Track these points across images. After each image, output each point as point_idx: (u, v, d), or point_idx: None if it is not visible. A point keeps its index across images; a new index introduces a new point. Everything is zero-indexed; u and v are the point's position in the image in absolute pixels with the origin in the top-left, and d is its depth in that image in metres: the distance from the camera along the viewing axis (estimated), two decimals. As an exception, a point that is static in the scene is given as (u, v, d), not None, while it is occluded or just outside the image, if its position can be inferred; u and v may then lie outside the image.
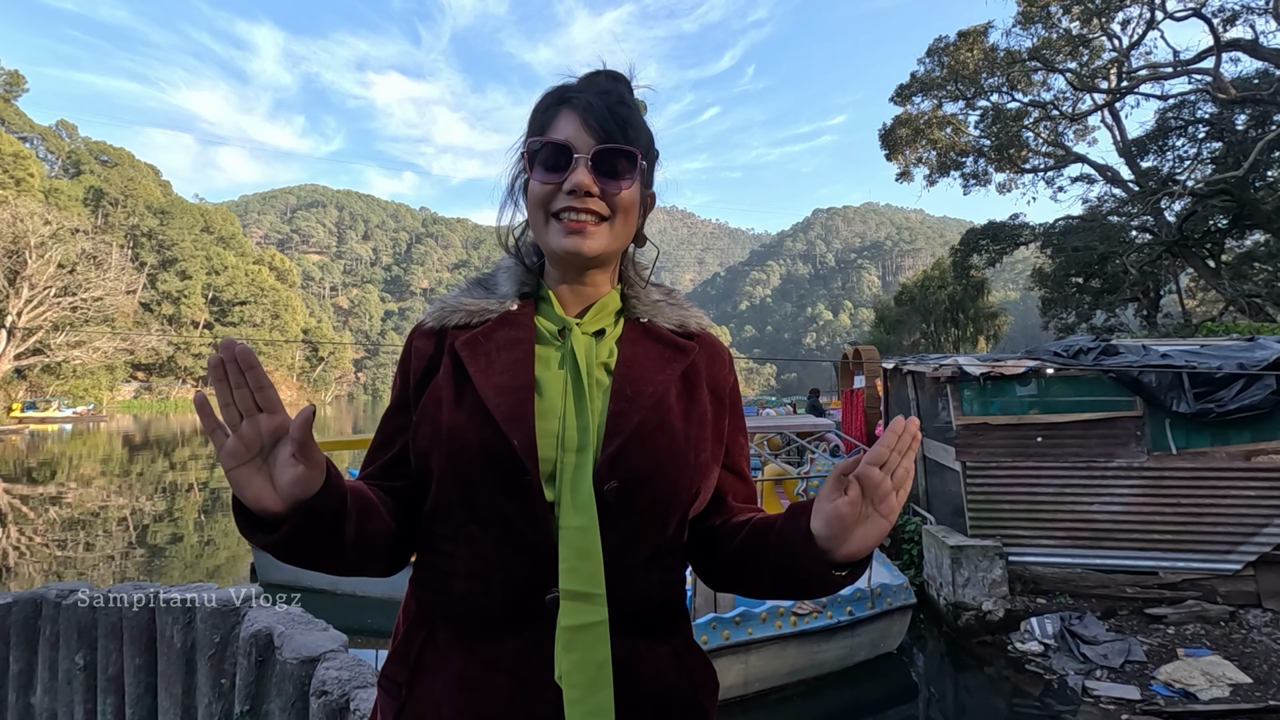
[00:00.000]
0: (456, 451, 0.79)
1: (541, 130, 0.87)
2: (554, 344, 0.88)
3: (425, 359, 0.88)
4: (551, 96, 0.89)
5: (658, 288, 1.00)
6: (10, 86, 58.94)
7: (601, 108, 0.85)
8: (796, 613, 5.41)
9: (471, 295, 0.92)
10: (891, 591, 5.91)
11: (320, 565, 0.75)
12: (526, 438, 0.78)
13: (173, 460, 26.44)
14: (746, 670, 5.22)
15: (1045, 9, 21.15)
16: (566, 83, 0.90)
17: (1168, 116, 20.63)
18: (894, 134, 25.42)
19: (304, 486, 0.66)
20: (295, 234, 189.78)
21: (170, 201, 77.76)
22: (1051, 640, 5.97)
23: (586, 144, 0.83)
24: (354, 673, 1.47)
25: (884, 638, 5.98)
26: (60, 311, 50.14)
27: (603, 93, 0.87)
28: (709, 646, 4.95)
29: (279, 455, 0.66)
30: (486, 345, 0.86)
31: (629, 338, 0.91)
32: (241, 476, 0.65)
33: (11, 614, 2.36)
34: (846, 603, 5.63)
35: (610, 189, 0.84)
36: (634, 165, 0.86)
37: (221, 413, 0.65)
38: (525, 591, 0.77)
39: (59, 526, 13.70)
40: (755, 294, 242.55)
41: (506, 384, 0.81)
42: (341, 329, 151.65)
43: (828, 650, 5.59)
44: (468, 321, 0.89)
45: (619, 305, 0.94)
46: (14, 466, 23.69)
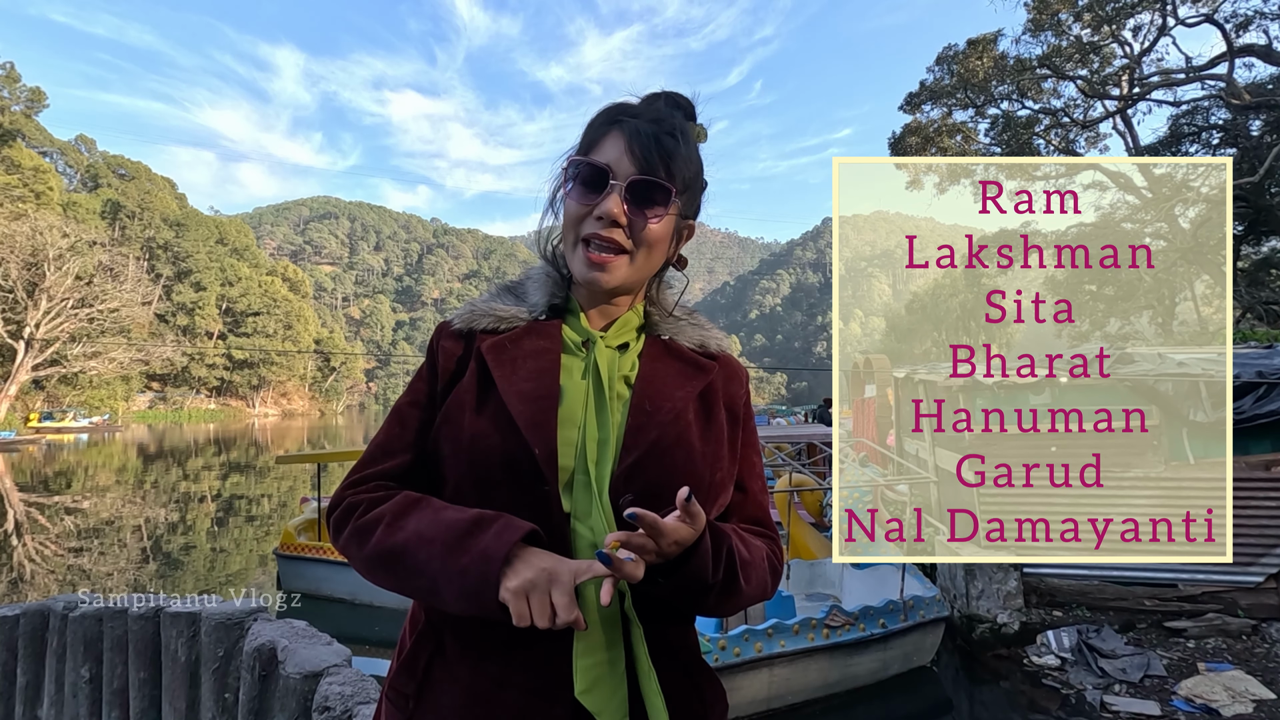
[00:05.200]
0: (477, 456, 0.80)
1: (589, 148, 0.87)
2: (578, 355, 0.89)
3: (454, 360, 0.89)
4: (607, 115, 0.89)
5: (681, 309, 1.01)
6: (32, 103, 60.03)
7: (649, 136, 0.83)
8: (829, 625, 5.36)
9: (501, 301, 0.93)
10: (924, 604, 5.84)
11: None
12: (548, 446, 0.78)
13: (186, 470, 26.65)
14: (779, 683, 5.18)
15: (1055, 16, 21.10)
16: (626, 102, 0.90)
17: (1181, 123, 20.46)
18: (904, 142, 25.38)
19: None
20: (308, 245, 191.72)
21: (186, 214, 78.93)
22: (1069, 654, 5.87)
23: (625, 171, 0.83)
24: (357, 688, 1.45)
25: (917, 650, 5.90)
26: (77, 323, 50.90)
27: (655, 120, 0.86)
28: (740, 658, 4.93)
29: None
30: (513, 352, 0.86)
31: (650, 354, 0.92)
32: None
33: (19, 626, 2.36)
34: (879, 615, 5.58)
35: (639, 221, 0.84)
36: (669, 199, 0.85)
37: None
38: None
39: (74, 536, 13.81)
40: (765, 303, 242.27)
41: (531, 391, 0.82)
42: (353, 339, 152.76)
43: (860, 663, 5.53)
44: (495, 327, 0.90)
45: (641, 321, 0.95)
46: (30, 476, 23.97)
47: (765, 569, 0.89)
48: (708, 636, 4.91)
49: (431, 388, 0.89)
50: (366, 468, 0.87)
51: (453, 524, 0.75)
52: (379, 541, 0.78)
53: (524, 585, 0.68)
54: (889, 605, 5.64)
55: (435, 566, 0.73)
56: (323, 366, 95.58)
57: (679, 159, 0.85)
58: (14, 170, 52.16)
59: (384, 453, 0.87)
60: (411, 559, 0.75)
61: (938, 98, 24.21)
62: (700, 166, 0.92)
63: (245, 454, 34.60)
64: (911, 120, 25.38)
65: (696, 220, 0.96)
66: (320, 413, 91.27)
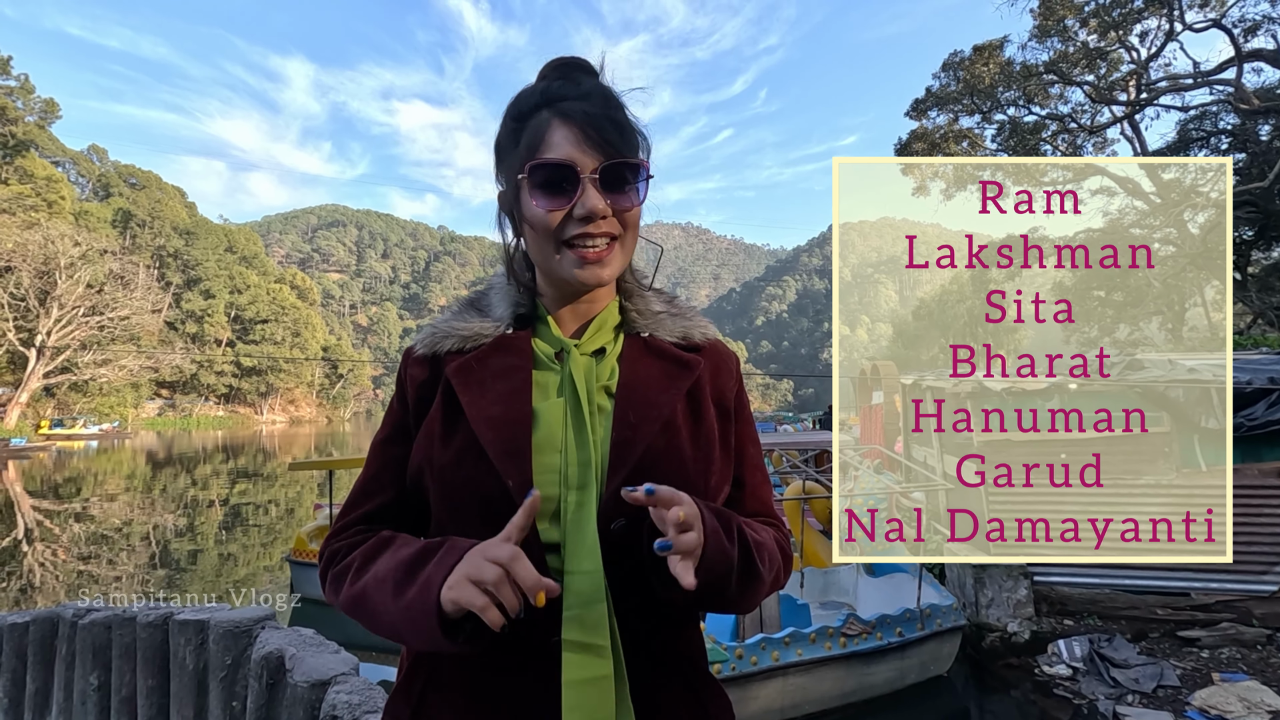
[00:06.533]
0: (449, 490, 0.76)
1: (533, 148, 0.78)
2: (552, 368, 0.83)
3: (419, 386, 0.84)
4: (531, 100, 0.80)
5: (659, 296, 0.95)
6: (45, 114, 60.75)
7: (600, 116, 0.77)
8: (846, 634, 5.33)
9: (463, 319, 0.87)
10: (941, 613, 5.79)
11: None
12: (523, 476, 0.74)
13: (194, 477, 26.76)
14: (795, 692, 5.15)
15: (1061, 22, 21.07)
16: (545, 85, 0.81)
17: (1189, 128, 20.37)
18: (910, 148, 25.36)
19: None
20: (316, 253, 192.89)
21: (195, 222, 79.64)
22: (1080, 663, 5.80)
23: (590, 161, 0.76)
24: (364, 697, 1.45)
25: (934, 660, 5.85)
26: (88, 330, 51.39)
27: (585, 96, 0.79)
28: (757, 667, 4.90)
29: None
30: (480, 373, 0.81)
31: (630, 356, 0.86)
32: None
33: (29, 633, 2.37)
34: (896, 623, 5.53)
35: (621, 205, 0.78)
36: (639, 174, 0.80)
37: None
38: (528, 634, 0.73)
39: (84, 542, 13.88)
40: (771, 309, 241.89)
41: (500, 416, 0.77)
42: (360, 346, 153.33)
43: (877, 672, 5.49)
44: (460, 347, 0.84)
45: (618, 320, 0.90)
46: (41, 483, 24.12)
47: (776, 551, 0.86)
48: (724, 645, 4.87)
49: (404, 420, 0.85)
50: (349, 513, 0.85)
51: (403, 561, 0.72)
52: (348, 589, 0.76)
53: (458, 579, 0.64)
54: (906, 614, 5.59)
55: (389, 606, 0.70)
56: (330, 374, 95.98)
57: (631, 129, 0.81)
58: (27, 180, 52.74)
59: (364, 495, 0.85)
60: (371, 604, 0.73)
61: (944, 104, 24.20)
62: (644, 132, 0.85)
63: (253, 461, 34.74)
64: (918, 126, 25.37)
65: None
66: (328, 420, 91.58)
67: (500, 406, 0.78)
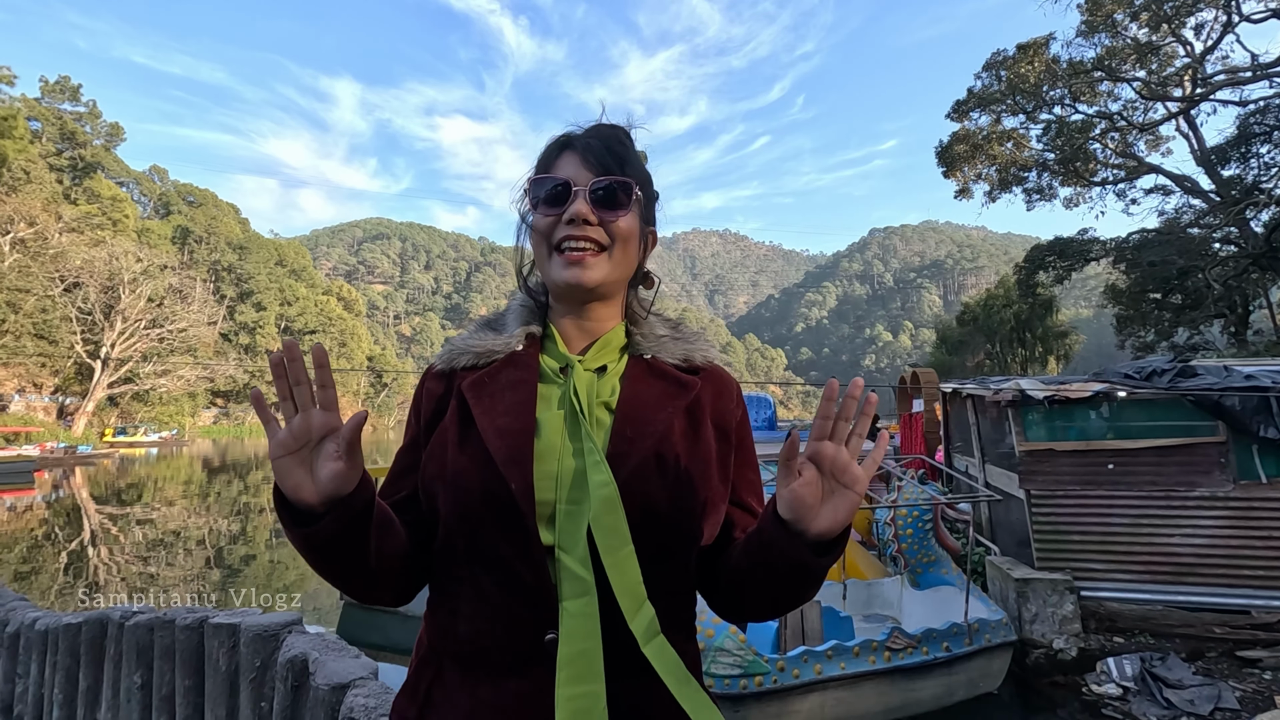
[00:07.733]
0: (459, 493, 0.80)
1: (545, 172, 0.91)
2: (556, 382, 0.88)
3: (435, 400, 0.91)
4: (556, 144, 0.93)
5: (664, 322, 1.00)
6: (111, 137, 64.12)
7: (600, 147, 0.89)
8: (890, 648, 5.20)
9: (479, 337, 0.94)
10: (990, 627, 5.60)
11: (344, 570, 0.78)
12: (523, 480, 0.78)
13: (247, 483, 27.71)
14: (837, 706, 5.03)
15: (1110, 17, 20.42)
16: (570, 131, 0.94)
17: (1250, 122, 19.47)
18: (951, 151, 24.84)
19: (340, 484, 0.71)
20: (361, 265, 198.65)
21: (248, 237, 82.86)
22: (1131, 683, 5.56)
23: (585, 178, 0.87)
24: (380, 700, 1.49)
25: (983, 676, 5.66)
26: (149, 342, 53.82)
27: (601, 135, 0.91)
28: (799, 680, 4.80)
29: (323, 450, 0.71)
30: (491, 386, 0.87)
31: (632, 375, 0.90)
32: (286, 466, 0.70)
33: (82, 633, 2.51)
34: (942, 638, 5.38)
35: (608, 218, 0.87)
36: (630, 196, 0.88)
37: (280, 406, 0.73)
38: (526, 633, 0.77)
39: (144, 546, 14.51)
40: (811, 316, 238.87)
41: (507, 426, 0.82)
42: (404, 356, 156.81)
43: (924, 688, 5.32)
44: (475, 363, 0.90)
45: (623, 341, 0.95)
46: (105, 488, 25.30)
47: None
48: (765, 657, 4.79)
49: (417, 431, 0.91)
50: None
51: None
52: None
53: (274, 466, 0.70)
54: (953, 628, 5.41)
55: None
56: (375, 383, 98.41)
57: (630, 163, 0.91)
58: (94, 200, 55.76)
59: (386, 495, 0.91)
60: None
61: (986, 104, 23.65)
62: (650, 177, 0.96)
63: (302, 468, 35.72)
64: (959, 129, 24.84)
65: (657, 231, 0.99)
66: (373, 428, 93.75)
67: (507, 417, 0.83)
